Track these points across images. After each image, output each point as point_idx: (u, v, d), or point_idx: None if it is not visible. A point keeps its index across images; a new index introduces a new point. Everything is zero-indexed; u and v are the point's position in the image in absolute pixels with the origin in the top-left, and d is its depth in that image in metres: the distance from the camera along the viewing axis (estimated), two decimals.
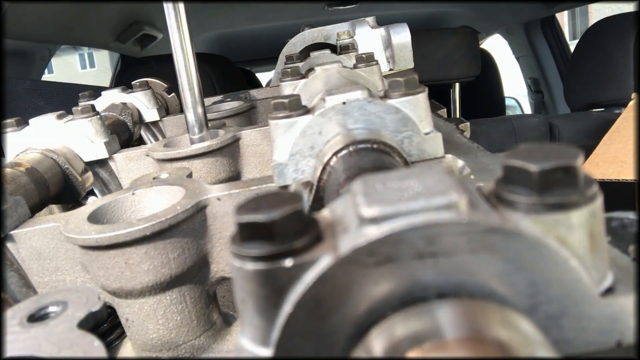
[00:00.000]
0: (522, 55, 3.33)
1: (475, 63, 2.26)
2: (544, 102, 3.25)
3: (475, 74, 2.27)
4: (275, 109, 0.47)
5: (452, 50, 2.22)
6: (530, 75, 3.32)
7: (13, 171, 0.64)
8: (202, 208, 0.50)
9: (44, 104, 1.09)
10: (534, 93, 3.29)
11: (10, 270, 0.53)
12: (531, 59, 3.23)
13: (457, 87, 2.34)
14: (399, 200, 0.20)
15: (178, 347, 0.51)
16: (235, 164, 0.76)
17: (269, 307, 0.21)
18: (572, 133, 1.89)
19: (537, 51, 3.17)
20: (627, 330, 0.22)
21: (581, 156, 0.21)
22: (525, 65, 3.37)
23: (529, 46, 3.20)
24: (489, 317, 0.19)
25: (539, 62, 3.19)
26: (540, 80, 3.24)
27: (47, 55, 2.10)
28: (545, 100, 3.24)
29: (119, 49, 2.70)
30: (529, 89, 3.38)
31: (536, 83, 3.27)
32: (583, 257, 0.21)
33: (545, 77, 3.20)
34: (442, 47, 2.23)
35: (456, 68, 2.25)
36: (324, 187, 0.44)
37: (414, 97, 0.45)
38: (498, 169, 0.48)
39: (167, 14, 0.68)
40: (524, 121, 2.01)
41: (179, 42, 0.69)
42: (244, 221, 0.21)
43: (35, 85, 1.30)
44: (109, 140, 0.79)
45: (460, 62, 2.23)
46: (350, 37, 1.09)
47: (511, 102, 3.64)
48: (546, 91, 3.21)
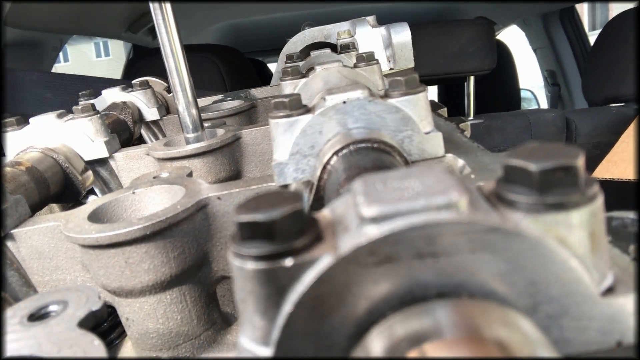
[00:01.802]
0: (540, 47, 3.23)
1: (491, 56, 2.16)
2: (561, 95, 3.17)
3: (491, 67, 2.17)
4: (276, 108, 0.47)
5: (467, 42, 2.13)
6: (547, 67, 3.23)
7: (13, 170, 0.64)
8: (202, 207, 0.50)
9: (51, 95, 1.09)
10: (551, 86, 3.20)
11: (11, 269, 0.53)
12: (548, 51, 3.14)
13: (472, 80, 2.24)
14: (399, 200, 0.20)
15: (178, 346, 0.51)
16: (235, 163, 0.76)
17: (269, 307, 0.21)
18: (590, 129, 1.84)
19: (555, 43, 3.08)
20: (627, 330, 0.22)
21: (582, 156, 0.21)
22: (542, 57, 3.27)
23: (546, 38, 3.11)
24: (489, 317, 0.19)
25: (557, 54, 3.10)
26: (557, 73, 3.15)
27: (58, 45, 2.11)
28: (562, 93, 3.16)
29: (131, 39, 2.70)
30: (546, 82, 3.29)
31: (553, 76, 3.18)
32: (583, 256, 0.21)
33: (562, 70, 3.11)
34: (457, 40, 2.15)
35: (471, 61, 2.16)
36: (324, 187, 0.44)
37: (415, 97, 0.45)
38: (498, 169, 0.48)
39: (154, 14, 0.67)
40: (540, 116, 1.95)
41: (167, 42, 0.68)
42: (244, 220, 0.21)
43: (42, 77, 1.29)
44: (109, 139, 0.79)
45: (475, 55, 2.14)
46: (351, 36, 1.09)
47: (527, 95, 3.55)
48: (563, 84, 3.13)
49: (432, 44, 2.16)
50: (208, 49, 2.32)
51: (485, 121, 2.02)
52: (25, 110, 1.23)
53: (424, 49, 2.16)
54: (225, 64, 2.18)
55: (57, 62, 2.19)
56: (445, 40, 2.15)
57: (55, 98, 1.22)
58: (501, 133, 1.92)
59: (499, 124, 1.97)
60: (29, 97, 1.26)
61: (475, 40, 2.13)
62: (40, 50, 1.96)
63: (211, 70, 2.15)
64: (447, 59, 2.15)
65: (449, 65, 2.16)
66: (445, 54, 2.15)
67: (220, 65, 2.16)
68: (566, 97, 3.14)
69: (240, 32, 3.24)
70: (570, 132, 1.87)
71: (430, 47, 2.16)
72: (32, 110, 0.82)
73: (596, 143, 1.83)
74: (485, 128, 2.00)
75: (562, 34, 3.04)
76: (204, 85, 1.65)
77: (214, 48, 2.37)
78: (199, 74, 2.14)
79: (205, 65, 2.15)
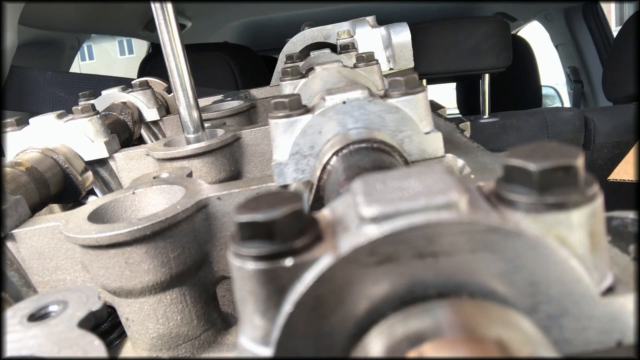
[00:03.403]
0: (562, 43, 3.15)
1: (506, 53, 2.11)
2: (584, 93, 3.08)
3: (506, 65, 2.13)
4: (276, 109, 0.47)
5: (482, 39, 2.10)
6: (569, 64, 3.15)
7: (13, 170, 0.64)
8: (202, 207, 0.50)
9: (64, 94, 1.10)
10: (573, 83, 3.12)
11: (11, 269, 0.53)
12: (571, 47, 3.06)
13: (487, 78, 2.17)
14: (399, 200, 0.20)
15: (178, 346, 0.51)
16: (235, 164, 0.76)
17: (269, 307, 0.21)
18: (609, 127, 1.79)
19: (578, 39, 2.99)
20: (627, 329, 0.22)
21: (582, 156, 0.21)
22: (564, 53, 3.19)
23: (569, 33, 3.02)
24: (489, 317, 0.19)
25: (579, 51, 3.01)
26: (580, 70, 3.06)
27: (76, 44, 2.12)
28: (585, 90, 3.07)
29: (148, 37, 2.71)
30: (568, 79, 3.21)
31: (575, 72, 3.09)
32: (583, 256, 0.21)
33: (585, 67, 3.02)
34: (471, 37, 2.11)
35: (485, 58, 2.11)
36: (324, 187, 0.44)
37: (414, 97, 0.45)
38: (498, 169, 0.48)
39: (155, 14, 0.67)
40: (557, 114, 1.90)
41: (168, 42, 0.68)
42: (244, 220, 0.21)
43: (55, 77, 1.30)
44: (109, 139, 0.79)
45: (490, 52, 2.10)
46: (351, 37, 1.09)
47: (549, 92, 3.48)
48: (586, 81, 3.04)
49: (447, 41, 2.12)
50: (220, 47, 2.32)
51: (500, 119, 1.99)
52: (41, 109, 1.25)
53: (439, 46, 2.13)
54: (237, 63, 2.17)
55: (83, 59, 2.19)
56: (459, 38, 2.11)
57: (69, 97, 1.23)
58: (517, 132, 1.88)
59: (515, 123, 1.93)
60: (44, 95, 1.26)
61: (490, 38, 2.08)
62: (58, 49, 1.97)
63: (223, 68, 2.15)
64: (462, 56, 2.11)
65: (464, 63, 2.12)
66: (460, 51, 2.11)
67: (232, 64, 2.15)
68: (589, 94, 3.06)
69: (254, 30, 3.22)
70: (589, 130, 1.80)
71: (445, 44, 2.12)
72: (47, 109, 0.83)
73: (616, 142, 1.78)
74: (501, 127, 1.97)
75: (585, 30, 2.94)
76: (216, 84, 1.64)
77: (226, 47, 2.36)
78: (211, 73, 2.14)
79: (218, 64, 2.15)
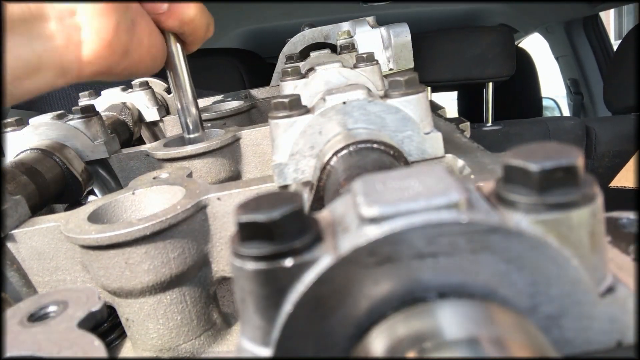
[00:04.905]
0: (562, 55, 3.18)
1: (510, 63, 2.16)
2: (584, 104, 3.12)
3: (510, 74, 2.17)
4: (276, 109, 0.47)
5: (486, 48, 2.14)
6: (569, 76, 3.18)
7: (13, 171, 0.64)
8: (202, 208, 0.50)
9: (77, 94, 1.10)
10: (573, 94, 3.16)
11: (11, 269, 0.53)
12: (571, 59, 3.09)
13: (491, 87, 2.22)
14: (399, 200, 0.20)
15: (178, 347, 0.51)
16: (235, 164, 0.76)
17: (269, 307, 0.21)
18: (610, 137, 1.83)
19: (578, 51, 3.03)
20: (627, 329, 0.22)
21: (581, 156, 0.21)
22: (564, 65, 3.23)
23: (569, 46, 3.06)
24: (490, 317, 0.19)
25: (580, 63, 3.05)
26: (580, 82, 3.10)
27: None
28: (585, 102, 3.11)
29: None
30: (568, 90, 3.25)
31: (576, 84, 3.13)
32: (583, 256, 0.21)
33: (585, 79, 3.06)
34: (476, 46, 2.15)
35: (489, 67, 2.16)
36: (324, 187, 0.44)
37: (415, 97, 0.45)
38: (498, 169, 0.48)
39: None
40: (559, 123, 1.93)
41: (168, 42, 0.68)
42: (244, 221, 0.21)
43: None
44: (109, 140, 0.79)
45: (494, 62, 2.14)
46: (350, 37, 1.09)
47: (549, 103, 3.50)
48: (586, 93, 3.08)
49: (452, 50, 2.16)
50: (230, 52, 2.32)
51: (503, 127, 2.01)
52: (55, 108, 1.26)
53: (445, 55, 2.17)
54: (245, 68, 2.18)
55: None
56: (464, 47, 2.15)
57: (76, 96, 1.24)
58: (519, 140, 1.91)
59: (518, 131, 1.96)
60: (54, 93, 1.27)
61: (494, 47, 2.12)
62: None
63: (231, 73, 2.16)
64: (466, 65, 2.15)
65: (468, 71, 2.16)
66: (465, 60, 2.15)
67: (241, 69, 2.16)
68: (589, 106, 3.09)
69: (261, 37, 3.23)
70: (590, 140, 1.84)
71: (451, 53, 2.16)
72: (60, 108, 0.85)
73: (616, 152, 1.82)
74: (504, 134, 1.99)
75: (585, 42, 2.98)
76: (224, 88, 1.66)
77: (236, 52, 2.36)
78: (220, 77, 2.15)
79: (227, 69, 2.15)
